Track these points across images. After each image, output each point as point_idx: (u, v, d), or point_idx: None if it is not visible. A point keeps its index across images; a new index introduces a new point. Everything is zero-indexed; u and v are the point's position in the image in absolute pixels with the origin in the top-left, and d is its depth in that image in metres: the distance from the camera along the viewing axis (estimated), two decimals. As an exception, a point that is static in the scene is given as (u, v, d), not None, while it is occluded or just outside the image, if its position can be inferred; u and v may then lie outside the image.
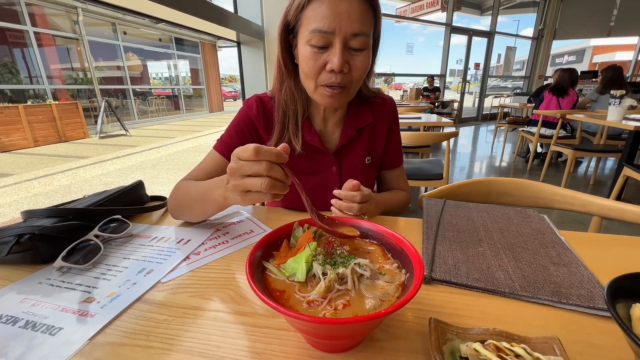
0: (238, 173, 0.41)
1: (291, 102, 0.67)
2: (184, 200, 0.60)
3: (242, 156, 0.40)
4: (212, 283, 0.44)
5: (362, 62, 0.58)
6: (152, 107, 10.01)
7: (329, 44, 0.55)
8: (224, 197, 0.46)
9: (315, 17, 0.54)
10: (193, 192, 0.57)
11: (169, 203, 0.64)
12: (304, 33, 0.56)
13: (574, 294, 0.39)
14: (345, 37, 0.54)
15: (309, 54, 0.56)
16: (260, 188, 0.39)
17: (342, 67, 0.55)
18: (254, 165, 0.39)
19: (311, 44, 0.56)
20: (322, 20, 0.53)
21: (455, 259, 0.47)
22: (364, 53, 0.58)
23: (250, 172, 0.40)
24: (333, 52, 0.55)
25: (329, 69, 0.56)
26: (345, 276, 0.30)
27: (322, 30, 0.54)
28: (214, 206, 0.55)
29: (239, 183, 0.41)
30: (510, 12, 8.81)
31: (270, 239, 0.37)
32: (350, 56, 0.57)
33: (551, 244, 0.51)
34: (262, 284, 0.31)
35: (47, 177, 3.87)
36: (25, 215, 0.53)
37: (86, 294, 0.42)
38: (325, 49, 0.56)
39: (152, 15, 0.98)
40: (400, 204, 0.77)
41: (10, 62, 6.59)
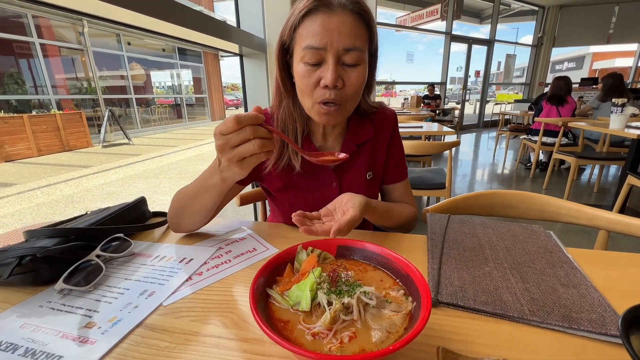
0: (227, 147, 0.43)
1: (290, 121, 0.67)
2: (182, 203, 0.60)
3: (225, 130, 0.42)
4: (215, 306, 0.43)
5: (357, 78, 0.58)
6: (154, 116, 10.11)
7: (321, 60, 0.56)
8: (222, 179, 0.50)
9: (307, 34, 0.55)
10: (190, 190, 0.59)
11: (169, 215, 0.63)
12: (298, 51, 0.57)
13: (584, 318, 0.38)
14: (337, 53, 0.55)
15: (303, 71, 0.57)
16: (254, 150, 0.43)
17: (335, 82, 0.55)
18: (239, 133, 0.42)
19: (304, 61, 0.56)
20: (314, 37, 0.54)
21: (461, 279, 0.46)
22: (358, 68, 0.57)
23: (239, 141, 0.42)
24: (326, 67, 0.56)
25: (323, 84, 0.56)
26: (351, 306, 0.29)
27: (313, 47, 0.54)
28: (213, 193, 0.56)
29: (232, 155, 0.43)
30: (509, 20, 8.90)
31: (274, 263, 0.37)
32: (344, 72, 0.57)
33: (559, 263, 0.50)
34: (266, 312, 0.31)
35: (50, 187, 3.88)
36: (27, 235, 0.53)
37: (87, 318, 0.41)
38: (318, 66, 0.56)
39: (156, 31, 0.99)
40: (405, 218, 0.73)
41: (17, 72, 6.70)
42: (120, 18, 0.93)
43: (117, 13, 0.86)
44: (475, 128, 8.28)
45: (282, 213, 0.76)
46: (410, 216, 0.75)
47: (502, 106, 7.55)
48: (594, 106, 3.52)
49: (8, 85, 6.49)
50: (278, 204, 0.76)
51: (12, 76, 6.59)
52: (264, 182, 0.74)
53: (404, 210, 0.74)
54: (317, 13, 0.54)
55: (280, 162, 0.67)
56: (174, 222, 0.63)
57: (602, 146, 3.33)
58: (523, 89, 8.70)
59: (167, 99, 11.02)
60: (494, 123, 8.28)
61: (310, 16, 0.55)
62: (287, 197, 0.72)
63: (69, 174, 4.56)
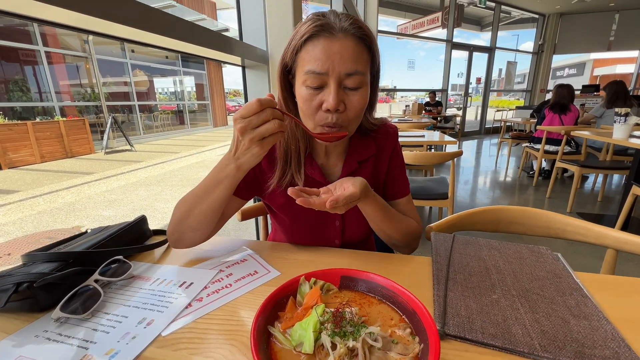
0: (249, 128, 0.47)
1: (293, 140, 0.66)
2: (188, 206, 0.59)
3: (247, 113, 0.47)
4: (215, 337, 0.42)
5: (358, 102, 0.58)
6: (157, 122, 10.17)
7: (323, 84, 0.56)
8: (237, 166, 0.53)
9: (309, 59, 0.55)
10: (197, 191, 0.59)
11: (170, 227, 0.62)
12: (300, 74, 0.58)
13: (597, 355, 0.36)
14: (339, 77, 0.55)
15: (305, 94, 0.57)
16: (274, 129, 0.48)
17: (337, 106, 0.56)
18: (260, 115, 0.47)
19: (306, 84, 0.57)
20: (316, 62, 0.54)
21: (468, 309, 0.45)
22: (359, 92, 0.58)
23: (260, 121, 0.47)
24: (328, 92, 0.56)
25: (325, 108, 0.56)
26: (356, 349, 0.28)
27: (315, 72, 0.55)
28: (225, 186, 0.56)
29: (254, 135, 0.48)
30: (510, 27, 8.96)
31: (275, 298, 0.35)
32: (345, 95, 0.57)
33: (568, 290, 0.49)
34: (267, 354, 0.29)
35: (52, 194, 3.89)
36: (25, 260, 0.52)
37: (83, 350, 0.40)
38: (320, 89, 0.57)
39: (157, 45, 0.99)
40: (407, 228, 0.70)
41: (22, 79, 6.78)
42: (123, 34, 0.94)
43: (119, 30, 0.86)
44: (476, 135, 8.28)
45: (284, 230, 0.75)
46: (414, 230, 0.72)
47: (503, 113, 7.53)
48: (597, 115, 3.51)
49: (13, 92, 6.57)
50: (279, 221, 0.75)
51: (17, 83, 6.67)
52: (267, 199, 0.73)
53: (407, 220, 0.72)
54: (319, 38, 0.55)
55: (284, 180, 0.67)
56: (176, 233, 0.61)
57: (605, 154, 3.31)
58: (524, 96, 8.72)
59: (170, 105, 11.10)
60: (496, 130, 8.28)
61: (312, 40, 0.55)
62: (289, 214, 0.71)
63: (71, 180, 4.57)
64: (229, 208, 0.67)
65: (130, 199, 3.57)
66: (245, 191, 0.69)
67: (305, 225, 0.72)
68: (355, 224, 0.72)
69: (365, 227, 0.71)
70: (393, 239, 0.68)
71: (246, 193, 0.69)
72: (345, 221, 0.72)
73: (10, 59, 6.66)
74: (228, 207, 0.67)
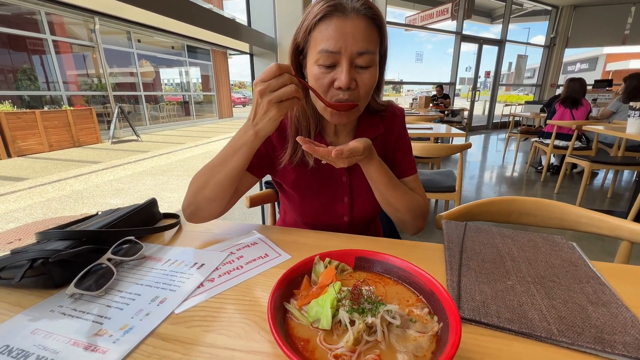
0: (268, 90, 0.50)
1: (303, 119, 0.68)
2: (206, 176, 0.61)
3: (266, 77, 0.49)
4: (227, 315, 0.42)
5: (369, 79, 0.60)
6: (163, 113, 10.19)
7: (336, 63, 0.58)
8: (255, 132, 0.54)
9: (322, 38, 0.57)
10: (214, 161, 0.60)
11: (186, 200, 0.63)
12: (313, 54, 0.59)
13: (618, 341, 0.36)
14: (351, 56, 0.57)
15: (317, 73, 0.59)
16: (291, 92, 0.49)
17: (349, 84, 0.57)
18: (279, 79, 0.49)
19: (319, 63, 0.58)
20: (329, 41, 0.56)
21: (483, 294, 0.44)
22: (370, 70, 0.59)
23: (278, 85, 0.49)
24: (340, 70, 0.57)
25: (337, 86, 0.58)
26: (375, 326, 0.28)
27: (328, 51, 0.56)
28: (243, 153, 0.57)
29: (272, 97, 0.50)
30: (521, 20, 8.75)
31: (291, 275, 0.35)
32: (356, 74, 0.59)
33: (585, 278, 0.48)
34: (284, 329, 0.29)
35: (60, 182, 3.94)
36: (39, 237, 0.53)
37: (98, 325, 0.40)
38: (332, 68, 0.58)
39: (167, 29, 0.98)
40: (413, 202, 0.70)
41: (29, 68, 6.81)
42: (132, 17, 0.93)
43: (129, 12, 0.85)
44: (484, 129, 8.17)
45: (294, 207, 0.76)
46: (420, 205, 0.71)
47: (512, 107, 7.41)
48: (614, 110, 3.43)
49: (21, 81, 6.61)
50: (289, 199, 0.77)
51: (25, 72, 6.70)
52: (278, 176, 0.75)
53: (413, 194, 0.71)
54: (332, 18, 0.56)
55: (295, 158, 0.69)
56: (192, 205, 0.63)
57: (617, 150, 3.24)
58: (534, 90, 8.56)
59: (176, 96, 11.10)
60: (504, 124, 8.16)
61: (325, 20, 0.57)
62: (298, 191, 0.73)
63: (79, 169, 4.62)
64: (242, 184, 0.69)
65: (137, 188, 3.60)
66: (258, 168, 0.70)
67: (315, 202, 0.73)
68: (364, 200, 0.73)
69: (374, 204, 0.72)
70: (398, 211, 0.69)
71: (259, 170, 0.71)
72: (354, 197, 0.74)
73: (18, 48, 6.68)
74: (242, 183, 0.69)
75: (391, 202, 0.68)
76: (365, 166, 0.63)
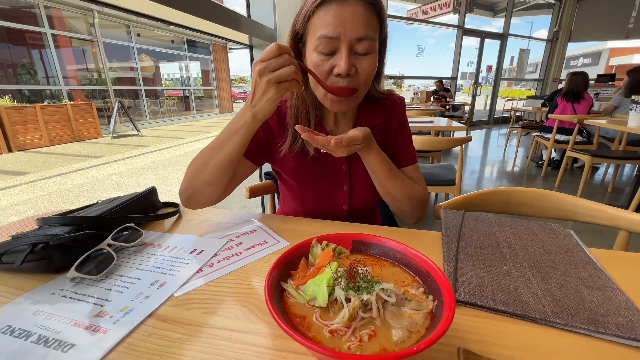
0: (268, 70, 0.49)
1: (303, 107, 0.68)
2: (203, 159, 0.60)
3: (266, 57, 0.48)
4: (226, 298, 0.43)
5: (369, 65, 0.59)
6: (163, 108, 10.17)
7: (335, 49, 0.57)
8: (253, 114, 0.54)
9: (321, 24, 0.56)
10: (212, 143, 0.60)
11: (183, 184, 0.62)
12: (312, 40, 0.58)
13: (611, 322, 0.36)
14: (350, 42, 0.56)
15: (316, 60, 0.58)
16: (290, 73, 0.49)
17: (349, 70, 0.57)
18: (278, 59, 0.48)
19: (318, 50, 0.57)
20: (328, 27, 0.55)
21: (479, 278, 0.44)
22: (369, 56, 0.59)
23: (278, 65, 0.48)
24: (339, 57, 0.56)
25: (336, 72, 0.57)
26: (370, 303, 0.28)
27: (328, 36, 0.55)
28: (241, 135, 0.56)
29: (272, 77, 0.49)
30: (523, 14, 8.65)
31: (288, 257, 0.36)
32: (356, 60, 0.58)
33: (581, 263, 0.48)
34: (281, 307, 0.30)
35: (61, 176, 3.95)
36: (40, 223, 0.53)
37: (99, 307, 0.41)
38: (332, 55, 0.57)
39: (166, 19, 0.98)
40: (412, 192, 0.70)
41: (29, 63, 6.79)
42: (132, 6, 0.92)
43: (130, 1, 0.85)
44: (485, 124, 8.14)
45: (293, 196, 0.76)
46: (419, 194, 0.72)
47: (513, 102, 7.37)
48: (616, 104, 3.40)
49: (21, 75, 6.59)
50: (289, 187, 0.77)
51: (25, 66, 6.68)
52: (277, 165, 0.75)
53: (412, 183, 0.72)
54: (331, 3, 0.55)
55: (295, 146, 0.69)
56: (189, 189, 0.62)
57: (618, 145, 3.23)
58: (536, 85, 8.50)
59: (176, 91, 11.06)
60: (505, 119, 8.12)
61: (324, 6, 0.56)
62: (298, 180, 0.73)
63: (80, 163, 4.63)
64: (240, 170, 0.68)
65: (137, 182, 3.61)
66: (257, 155, 0.70)
67: (315, 190, 0.73)
68: (363, 188, 0.73)
69: (373, 193, 0.72)
70: (398, 201, 0.69)
71: (258, 157, 0.70)
72: (353, 185, 0.74)
73: (17, 42, 6.65)
74: (240, 170, 0.68)
75: (390, 191, 0.68)
76: (365, 155, 0.63)
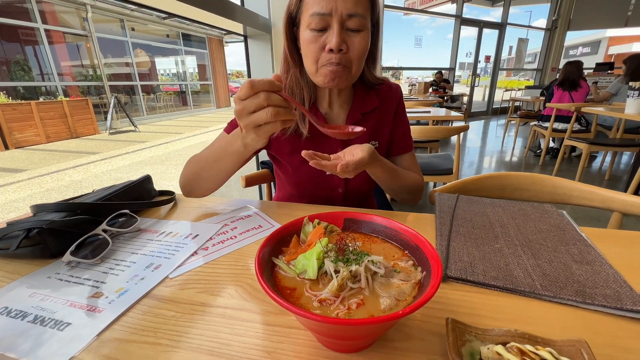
0: (244, 113, 0.44)
1: (297, 89, 0.69)
2: (199, 166, 0.64)
3: (242, 96, 0.43)
4: (220, 279, 0.43)
5: (360, 42, 0.60)
6: (160, 103, 10.11)
7: (327, 25, 0.58)
8: (244, 144, 0.52)
9: (313, 2, 0.58)
10: (209, 155, 0.62)
11: (182, 179, 0.66)
12: (305, 19, 0.60)
13: (599, 293, 0.37)
14: (341, 18, 0.57)
15: (309, 37, 0.60)
16: (267, 118, 0.43)
17: (340, 45, 0.58)
18: (253, 99, 0.43)
19: (311, 27, 0.59)
20: (319, 3, 0.57)
21: (471, 256, 0.45)
22: (361, 34, 0.60)
23: (254, 107, 0.43)
24: (331, 32, 0.58)
25: (328, 48, 0.59)
26: (359, 274, 0.29)
27: (319, 13, 0.57)
28: (234, 159, 0.59)
29: (248, 121, 0.44)
30: (522, 2, 8.56)
31: (280, 234, 0.36)
32: (347, 36, 0.59)
33: (572, 241, 0.49)
34: (272, 281, 0.30)
35: (59, 173, 3.94)
36: (35, 210, 0.53)
37: (94, 289, 0.41)
38: (324, 32, 0.59)
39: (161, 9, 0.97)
40: (410, 181, 0.73)
41: (23, 59, 6.71)
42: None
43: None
44: (484, 115, 8.12)
45: (289, 180, 0.77)
46: (416, 183, 0.75)
47: (512, 92, 7.34)
48: (613, 92, 3.40)
49: (15, 72, 6.52)
50: (284, 172, 0.77)
51: (19, 63, 6.61)
52: (272, 149, 0.76)
53: (411, 175, 0.75)
54: None
55: (289, 128, 0.70)
56: (188, 187, 0.66)
57: (615, 132, 3.23)
58: (534, 75, 8.45)
59: (172, 86, 10.97)
60: (504, 110, 8.09)
61: None
62: (292, 162, 0.74)
63: (77, 160, 4.61)
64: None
65: (136, 177, 3.60)
66: None
67: (309, 169, 0.73)
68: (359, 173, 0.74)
69: (369, 177, 0.73)
70: (399, 193, 0.73)
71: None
72: None
73: (10, 39, 6.57)
74: None
75: (393, 188, 0.71)
76: (371, 170, 0.64)
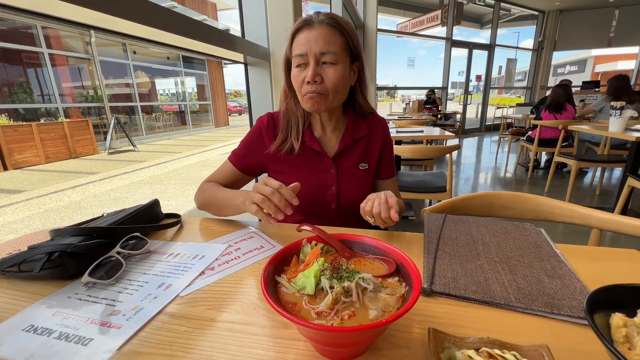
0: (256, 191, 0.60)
1: (293, 116, 0.82)
2: (210, 201, 0.79)
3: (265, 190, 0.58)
4: (227, 296, 0.47)
5: (334, 73, 0.73)
6: (159, 123, 10.25)
7: (307, 62, 0.72)
8: (244, 204, 0.64)
9: (296, 46, 0.73)
10: (219, 199, 0.76)
11: (196, 198, 0.83)
12: (293, 59, 0.75)
13: (565, 305, 0.41)
14: (315, 56, 0.71)
15: (295, 73, 0.75)
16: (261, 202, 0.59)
17: (314, 77, 0.71)
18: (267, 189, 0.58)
19: (295, 65, 0.74)
20: (299, 47, 0.72)
21: (454, 272, 0.50)
22: (334, 67, 0.73)
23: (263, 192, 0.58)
24: (308, 68, 0.72)
25: (306, 80, 0.72)
26: (351, 289, 0.33)
27: (299, 54, 0.72)
28: (234, 210, 0.72)
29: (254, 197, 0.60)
30: (509, 25, 8.97)
31: (281, 255, 0.41)
32: (322, 70, 0.73)
33: (547, 257, 0.54)
34: (276, 296, 0.35)
35: (58, 193, 3.96)
36: (53, 234, 0.58)
37: (111, 307, 0.45)
38: (305, 67, 0.73)
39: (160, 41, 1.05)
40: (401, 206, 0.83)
41: (25, 82, 6.86)
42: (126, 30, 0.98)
43: (122, 25, 0.90)
44: (477, 132, 8.31)
45: None
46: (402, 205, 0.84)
47: (503, 110, 7.56)
48: (596, 109, 3.54)
49: (17, 94, 6.65)
50: None
51: (21, 85, 6.75)
52: (270, 169, 0.86)
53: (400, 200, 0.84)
54: (303, 30, 0.73)
55: (284, 146, 0.81)
56: (200, 207, 0.82)
57: (603, 149, 3.34)
58: (525, 93, 8.73)
59: (172, 106, 11.17)
60: (496, 127, 8.30)
61: (299, 33, 0.73)
62: (287, 178, 0.81)
63: (76, 180, 4.64)
64: (239, 185, 0.89)
65: (135, 197, 3.64)
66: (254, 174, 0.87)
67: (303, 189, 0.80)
68: (350, 190, 0.84)
69: (359, 194, 0.79)
70: None
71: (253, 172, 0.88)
72: (340, 187, 0.83)
73: (14, 62, 6.74)
74: (239, 185, 0.88)
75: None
76: None
